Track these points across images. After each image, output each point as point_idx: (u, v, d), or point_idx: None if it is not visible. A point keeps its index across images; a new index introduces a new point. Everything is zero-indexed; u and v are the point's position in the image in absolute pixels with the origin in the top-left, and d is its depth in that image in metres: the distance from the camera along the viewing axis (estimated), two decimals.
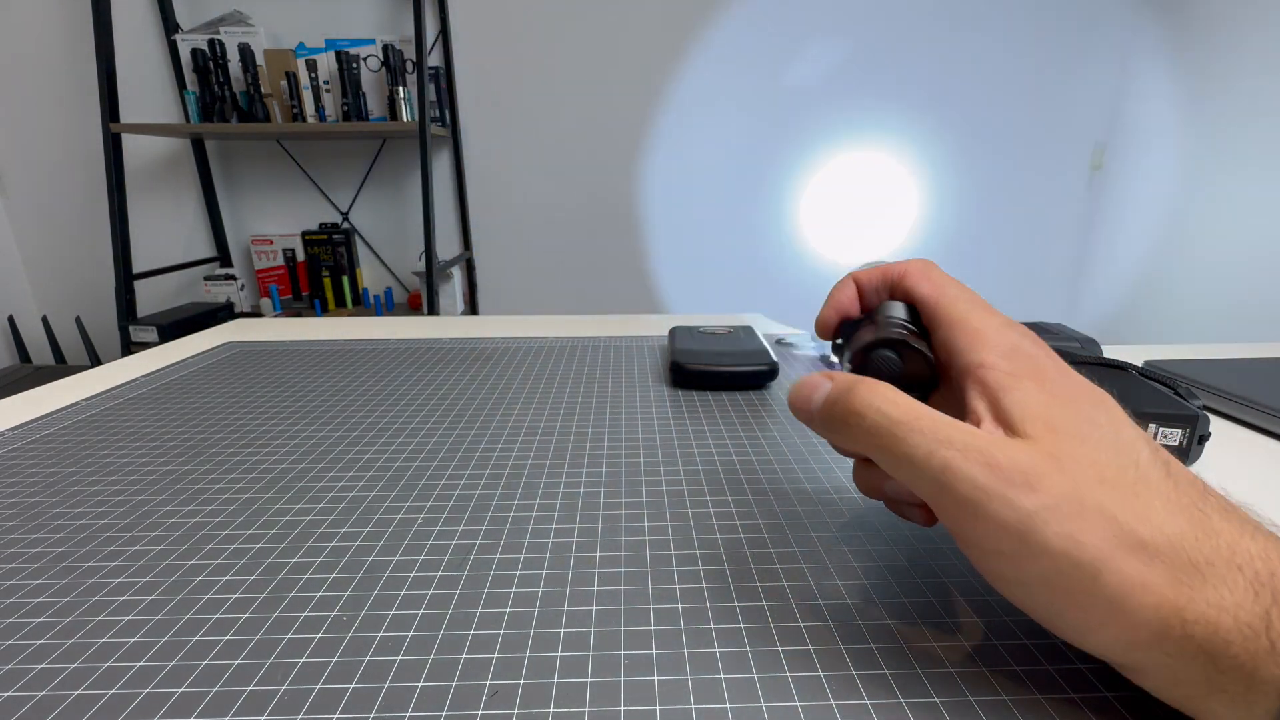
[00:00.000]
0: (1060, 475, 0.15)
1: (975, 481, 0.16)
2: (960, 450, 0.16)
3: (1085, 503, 0.15)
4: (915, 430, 0.17)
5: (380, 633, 0.20)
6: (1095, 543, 0.14)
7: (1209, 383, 0.40)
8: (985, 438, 0.16)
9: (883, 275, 0.23)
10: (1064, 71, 2.05)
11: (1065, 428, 0.16)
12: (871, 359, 0.21)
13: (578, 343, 0.54)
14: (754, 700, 0.17)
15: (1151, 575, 0.14)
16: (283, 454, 0.33)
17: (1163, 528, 0.14)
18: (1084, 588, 0.14)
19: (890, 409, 0.18)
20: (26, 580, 0.23)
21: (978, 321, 0.19)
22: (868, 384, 0.19)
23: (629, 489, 0.29)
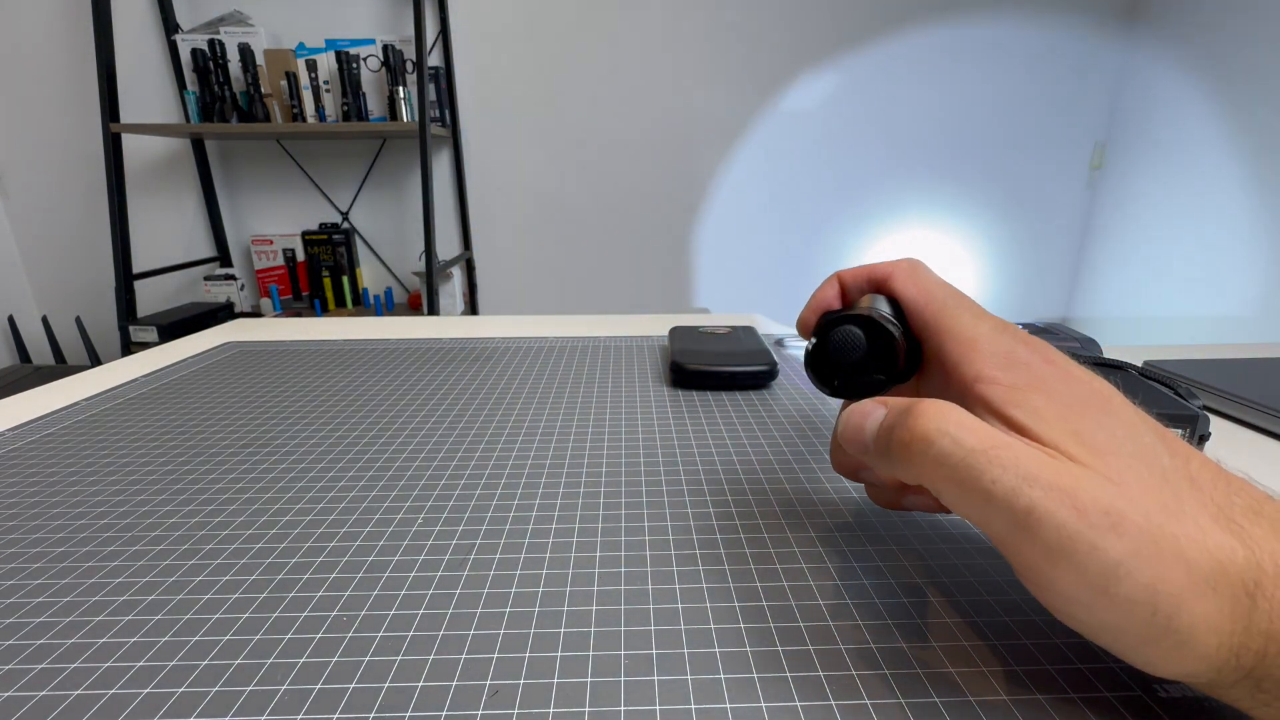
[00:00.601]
0: (1134, 510, 0.14)
1: (1063, 528, 0.14)
2: (1046, 489, 0.14)
3: (1161, 543, 0.14)
4: (996, 462, 0.15)
5: (380, 633, 0.20)
6: (1171, 590, 0.13)
7: (1209, 383, 0.40)
8: (1069, 472, 0.15)
9: (868, 275, 0.22)
10: (1064, 71, 2.05)
11: (1095, 443, 0.15)
12: (832, 336, 0.20)
13: (578, 343, 0.54)
14: (754, 700, 0.17)
15: (1216, 613, 0.13)
16: (283, 454, 0.33)
17: (1217, 554, 0.13)
18: (1156, 633, 0.14)
19: (964, 435, 0.16)
20: (26, 580, 0.23)
21: (968, 329, 0.18)
22: (933, 405, 0.16)
23: (629, 489, 0.29)
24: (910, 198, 2.15)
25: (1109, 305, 2.15)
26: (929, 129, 2.08)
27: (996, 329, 0.18)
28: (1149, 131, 1.97)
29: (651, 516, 0.27)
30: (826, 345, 0.20)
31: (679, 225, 2.15)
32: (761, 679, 0.18)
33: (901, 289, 0.21)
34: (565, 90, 1.99)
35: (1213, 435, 0.34)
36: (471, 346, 0.53)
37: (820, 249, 2.20)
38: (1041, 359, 0.17)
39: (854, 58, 2.00)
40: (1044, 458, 0.15)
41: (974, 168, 2.13)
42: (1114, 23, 2.01)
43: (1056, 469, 0.15)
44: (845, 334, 0.20)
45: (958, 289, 0.20)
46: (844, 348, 0.19)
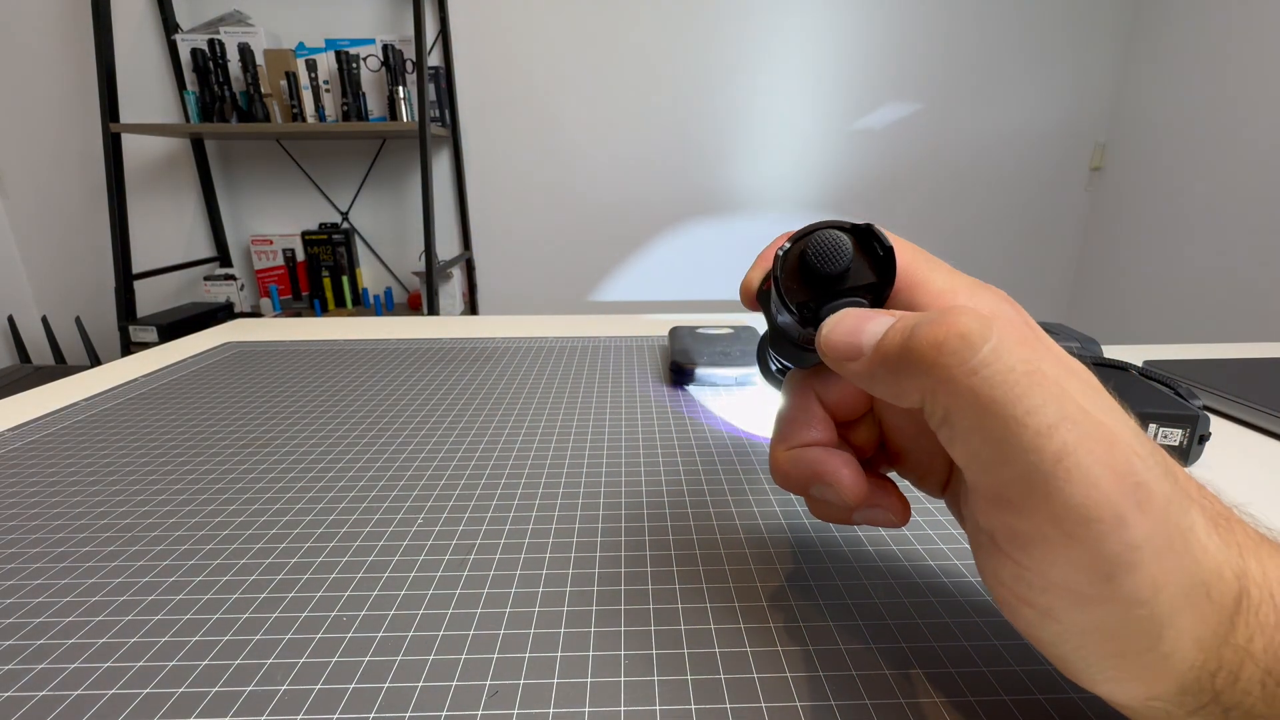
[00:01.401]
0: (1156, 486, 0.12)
1: (1094, 490, 0.11)
2: (1085, 435, 0.12)
3: (1173, 532, 0.12)
4: (1038, 389, 0.12)
5: (380, 633, 0.20)
6: (1174, 592, 0.12)
7: (1209, 383, 0.40)
8: (1106, 425, 0.12)
9: None
10: (1064, 71, 2.05)
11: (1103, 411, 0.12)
12: (813, 240, 0.16)
13: (578, 343, 0.54)
14: (754, 700, 0.17)
15: (1202, 624, 0.12)
16: (283, 454, 0.33)
17: (1217, 555, 0.12)
18: (1137, 645, 0.12)
19: (1014, 346, 0.12)
20: (26, 580, 0.23)
21: (945, 282, 0.16)
22: (972, 309, 0.13)
23: (629, 489, 0.29)
24: (910, 198, 2.15)
25: (1109, 305, 2.15)
26: (929, 129, 2.08)
27: (975, 285, 0.16)
28: (1149, 131, 1.97)
29: (651, 516, 0.27)
30: (803, 254, 0.16)
31: (679, 225, 2.15)
32: (761, 679, 0.18)
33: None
34: (565, 90, 1.99)
35: (1213, 435, 0.34)
36: (471, 346, 0.53)
37: None
38: (1024, 320, 0.15)
39: (854, 57, 2.00)
40: (1091, 396, 0.12)
41: (974, 168, 2.13)
42: (1114, 23, 2.01)
43: (1104, 412, 0.12)
44: (829, 237, 0.15)
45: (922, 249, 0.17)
46: (826, 254, 0.15)
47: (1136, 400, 0.32)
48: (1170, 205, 1.91)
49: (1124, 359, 0.40)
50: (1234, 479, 0.31)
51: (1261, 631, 0.12)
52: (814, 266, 0.16)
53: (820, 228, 0.16)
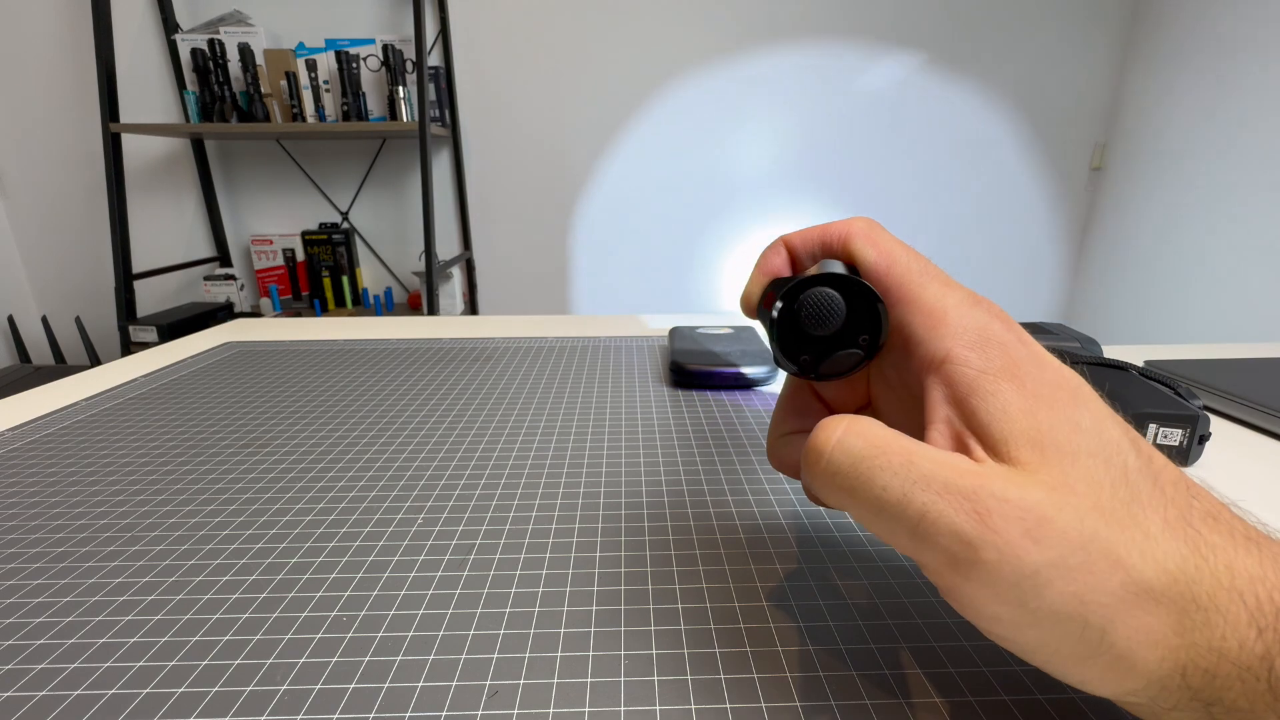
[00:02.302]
0: (1062, 515, 0.13)
1: (961, 534, 0.13)
2: (940, 493, 0.13)
3: (1091, 550, 0.12)
4: (883, 467, 0.14)
5: (380, 633, 0.20)
6: (1103, 600, 0.12)
7: (1209, 383, 0.40)
8: (972, 473, 0.13)
9: (821, 237, 0.19)
10: (1064, 71, 2.05)
11: (1055, 443, 0.14)
12: (805, 301, 0.16)
13: (578, 343, 0.54)
14: (754, 701, 0.17)
15: (1158, 625, 0.12)
16: (283, 454, 0.33)
17: (1165, 562, 0.13)
18: (1088, 650, 0.13)
19: (852, 441, 0.15)
20: (26, 580, 0.23)
21: (936, 298, 0.16)
22: (832, 418, 0.15)
23: (629, 489, 0.29)
24: (911, 198, 2.15)
25: (1109, 305, 2.15)
26: (929, 129, 2.08)
27: (967, 301, 0.16)
28: (1149, 131, 1.97)
29: (651, 517, 0.27)
30: (797, 313, 0.16)
31: (680, 225, 2.15)
32: (761, 679, 0.18)
33: (861, 252, 0.18)
34: (565, 90, 1.99)
35: (1213, 435, 0.34)
36: (471, 346, 0.53)
37: None
38: (1016, 338, 0.16)
39: (855, 57, 2.00)
40: (945, 460, 0.14)
41: (974, 167, 2.13)
42: (1114, 23, 2.01)
43: (958, 470, 0.13)
44: (820, 297, 0.16)
45: (915, 250, 0.18)
46: (820, 315, 0.16)
47: (1136, 400, 0.32)
48: (1170, 205, 1.91)
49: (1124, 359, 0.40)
50: (1234, 479, 0.31)
51: (1234, 630, 0.12)
52: (808, 327, 0.16)
53: (812, 282, 0.16)
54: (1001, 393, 0.14)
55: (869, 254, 0.18)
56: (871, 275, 0.18)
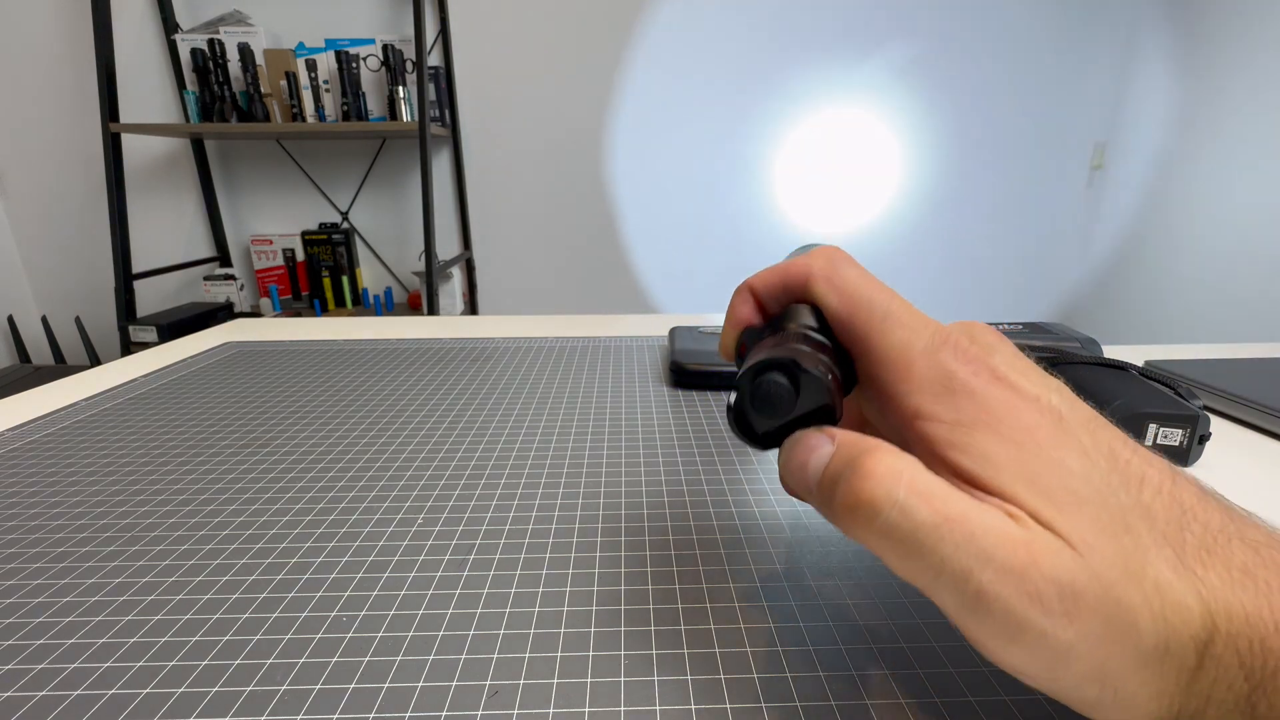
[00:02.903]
0: (1091, 586, 0.13)
1: (1013, 615, 0.13)
2: (999, 572, 0.13)
3: (1114, 620, 0.13)
4: (948, 540, 0.13)
5: (380, 633, 0.20)
6: (1120, 667, 0.13)
7: (1209, 383, 0.40)
8: (1025, 550, 0.13)
9: (783, 280, 0.19)
10: (1064, 71, 2.05)
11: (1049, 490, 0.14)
12: (756, 390, 0.16)
13: (578, 343, 0.54)
14: (754, 701, 0.17)
15: (1161, 679, 0.13)
16: (283, 454, 0.33)
17: (1172, 619, 0.13)
18: (1102, 703, 0.13)
19: (916, 505, 0.14)
20: (26, 580, 0.23)
21: (900, 347, 0.16)
22: (883, 462, 0.14)
23: (629, 489, 0.29)
24: (910, 198, 2.15)
25: (1109, 305, 2.15)
26: (929, 130, 2.08)
27: (932, 345, 0.16)
28: (1149, 131, 1.97)
29: (651, 517, 0.27)
30: (755, 399, 0.16)
31: (680, 225, 2.15)
32: (761, 679, 0.18)
33: (822, 298, 0.18)
34: (565, 90, 1.99)
35: (1213, 435, 0.34)
36: (471, 346, 0.53)
37: None
38: (988, 376, 0.15)
39: (855, 58, 2.00)
40: (1001, 530, 0.13)
41: (974, 167, 2.13)
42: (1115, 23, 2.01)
43: (1014, 545, 0.13)
44: (770, 386, 0.16)
45: (880, 285, 0.17)
46: (770, 401, 0.16)
47: (1136, 400, 0.32)
48: (1170, 205, 1.91)
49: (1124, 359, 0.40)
50: (1234, 479, 0.31)
51: (1225, 675, 0.12)
52: (761, 413, 0.16)
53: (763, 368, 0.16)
54: (979, 443, 0.14)
55: (830, 300, 0.18)
56: (834, 320, 0.18)
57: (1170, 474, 0.15)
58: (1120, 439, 0.15)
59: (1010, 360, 0.16)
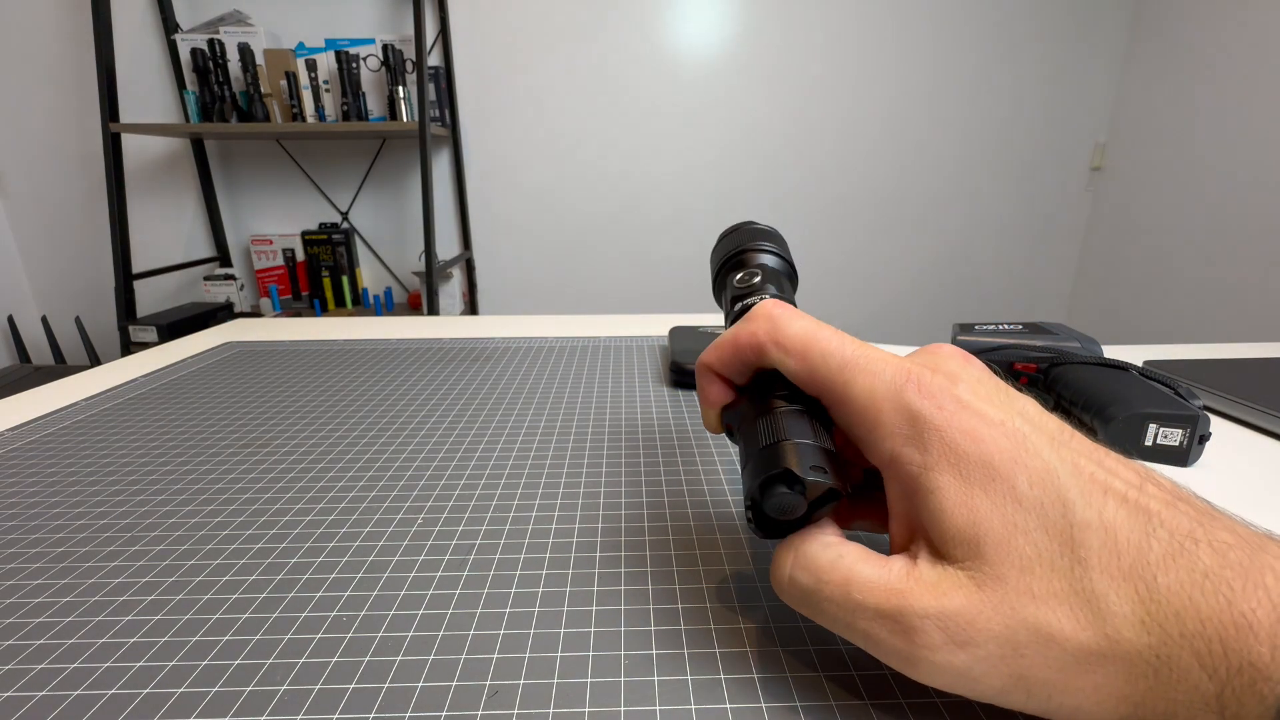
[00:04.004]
0: (991, 614, 0.14)
1: (899, 653, 0.15)
2: (873, 619, 0.15)
3: (1019, 638, 0.14)
4: (828, 599, 0.16)
5: (380, 633, 0.20)
6: (1041, 675, 0.14)
7: (1209, 383, 0.40)
8: (897, 594, 0.15)
9: (735, 354, 0.19)
10: (1064, 71, 2.05)
11: (990, 534, 0.14)
12: (768, 505, 0.17)
13: (578, 343, 0.54)
14: (754, 701, 0.17)
15: (1106, 681, 0.13)
16: (283, 454, 0.33)
17: (1104, 627, 0.13)
18: (1042, 707, 0.14)
19: (801, 576, 0.16)
20: (26, 580, 0.23)
21: (866, 395, 0.17)
22: (779, 552, 0.17)
23: (629, 489, 0.29)
24: (911, 197, 2.15)
25: (1109, 305, 2.15)
26: (929, 130, 2.08)
27: (894, 385, 0.16)
28: (1149, 131, 1.97)
29: (651, 517, 0.27)
30: (765, 510, 0.17)
31: (679, 225, 2.15)
32: (761, 679, 0.18)
33: (780, 364, 0.18)
34: (565, 90, 1.99)
35: (1213, 435, 0.34)
36: (471, 346, 0.53)
37: (820, 249, 2.20)
38: (952, 408, 0.16)
39: (855, 58, 2.00)
40: (876, 583, 0.15)
41: (974, 167, 2.13)
42: (1115, 23, 2.01)
43: (886, 593, 0.15)
44: (779, 499, 0.17)
45: (831, 331, 0.18)
46: (785, 509, 0.17)
47: (1136, 400, 0.32)
48: (1170, 205, 1.91)
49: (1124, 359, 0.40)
50: (1234, 479, 0.31)
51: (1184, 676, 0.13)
52: (778, 517, 0.17)
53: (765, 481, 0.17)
54: (939, 489, 0.15)
55: (788, 365, 0.18)
56: (798, 381, 0.18)
57: (1138, 481, 0.15)
58: (1086, 453, 0.15)
59: (974, 387, 0.16)
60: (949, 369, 0.17)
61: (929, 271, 2.24)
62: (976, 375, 0.17)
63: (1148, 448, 0.31)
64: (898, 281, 2.25)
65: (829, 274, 2.22)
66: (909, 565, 0.15)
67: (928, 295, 2.27)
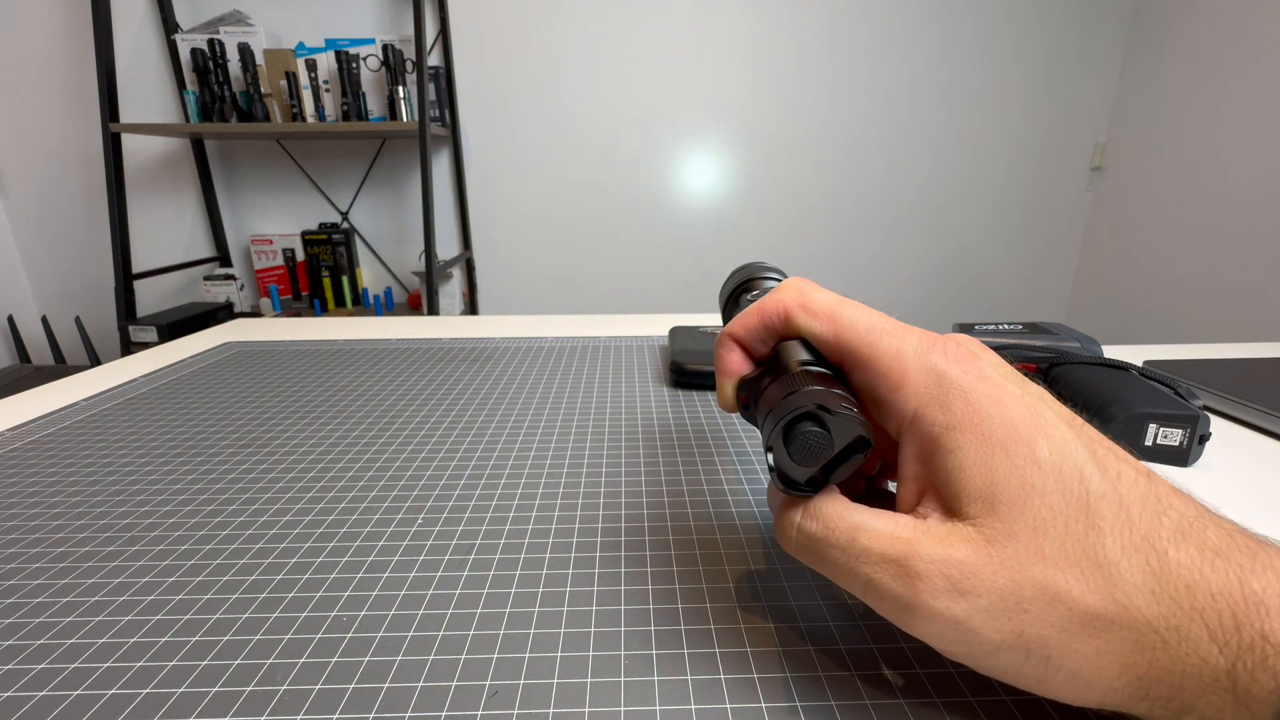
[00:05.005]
0: (998, 567, 0.14)
1: (898, 596, 0.15)
2: (878, 563, 0.15)
3: (1024, 594, 0.14)
4: (834, 545, 0.16)
5: (380, 633, 0.20)
6: (1042, 633, 0.14)
7: (1209, 383, 0.40)
8: (904, 541, 0.15)
9: (761, 322, 0.19)
10: (1064, 71, 2.05)
11: (1007, 493, 0.15)
12: (794, 443, 0.16)
13: (578, 343, 0.54)
14: (754, 701, 0.17)
15: (1111, 648, 0.13)
16: (283, 454, 0.33)
17: (1114, 592, 0.13)
18: (1040, 672, 0.14)
19: (810, 524, 0.17)
20: (26, 580, 0.23)
21: (892, 356, 0.17)
22: (784, 502, 0.18)
23: (629, 489, 0.29)
24: (910, 198, 2.15)
25: (1109, 305, 2.15)
26: (928, 130, 2.08)
27: (921, 349, 0.17)
28: (1149, 131, 1.97)
29: (651, 517, 0.27)
30: (789, 454, 0.17)
31: (679, 225, 2.14)
32: (761, 679, 0.18)
33: (805, 326, 0.18)
34: (565, 90, 1.99)
35: (1213, 435, 0.34)
36: (471, 346, 0.53)
37: (820, 249, 2.20)
38: (976, 375, 0.16)
39: (855, 58, 2.00)
40: (882, 531, 0.16)
41: (974, 168, 2.13)
42: (1114, 23, 2.01)
43: (892, 540, 0.15)
44: (806, 437, 0.16)
45: (855, 303, 0.18)
46: (810, 451, 0.16)
47: (1136, 400, 0.32)
48: (1170, 205, 1.91)
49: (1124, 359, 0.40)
50: (1234, 479, 0.31)
51: (1194, 648, 0.13)
52: (802, 463, 0.17)
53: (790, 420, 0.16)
54: (960, 448, 0.15)
55: (815, 328, 0.18)
56: (824, 347, 0.18)
57: (1146, 472, 0.15)
58: (1099, 438, 0.16)
59: (995, 364, 0.17)
60: (971, 348, 0.17)
61: (929, 271, 2.24)
62: (996, 358, 0.17)
63: (1148, 448, 0.31)
64: (897, 281, 2.25)
65: (829, 274, 2.22)
66: (917, 520, 0.16)
67: (928, 295, 2.26)
